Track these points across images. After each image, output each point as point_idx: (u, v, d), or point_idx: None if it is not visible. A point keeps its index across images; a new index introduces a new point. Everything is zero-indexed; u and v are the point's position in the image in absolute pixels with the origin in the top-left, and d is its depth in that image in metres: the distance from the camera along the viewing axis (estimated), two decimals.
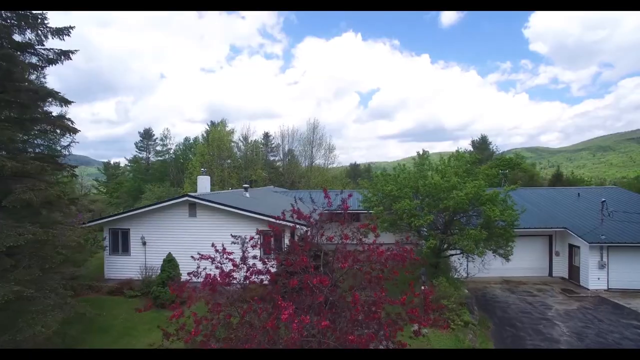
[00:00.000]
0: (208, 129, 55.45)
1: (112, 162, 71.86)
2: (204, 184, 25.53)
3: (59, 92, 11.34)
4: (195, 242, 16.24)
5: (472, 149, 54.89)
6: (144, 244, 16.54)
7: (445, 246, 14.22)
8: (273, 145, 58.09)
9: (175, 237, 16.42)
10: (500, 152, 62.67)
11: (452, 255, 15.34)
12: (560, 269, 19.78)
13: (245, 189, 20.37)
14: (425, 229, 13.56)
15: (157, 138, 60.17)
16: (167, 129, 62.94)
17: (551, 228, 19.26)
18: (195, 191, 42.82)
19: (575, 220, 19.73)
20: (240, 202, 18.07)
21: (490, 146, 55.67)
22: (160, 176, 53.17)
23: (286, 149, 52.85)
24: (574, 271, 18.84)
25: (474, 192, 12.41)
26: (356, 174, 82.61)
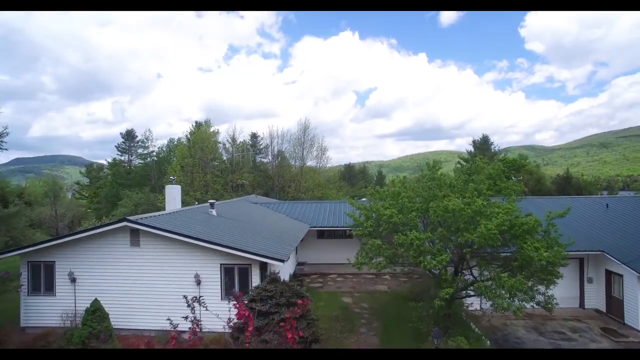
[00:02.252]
0: (192, 129, 51.48)
1: (94, 164, 67.69)
2: (173, 195, 21.73)
3: None
4: (138, 278, 12.48)
5: (472, 149, 51.30)
6: (73, 280, 12.70)
7: (461, 291, 10.51)
8: (262, 147, 54.28)
9: (114, 271, 12.61)
10: (499, 149, 59.12)
11: (467, 296, 11.61)
12: (594, 299, 16.16)
13: (212, 204, 16.56)
14: (437, 269, 9.82)
15: (139, 140, 56.12)
16: (148, 129, 58.74)
17: (584, 251, 15.61)
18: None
19: (610, 239, 16.12)
20: (203, 225, 14.27)
21: (492, 146, 52.10)
22: (142, 180, 49.16)
23: (275, 150, 49.00)
24: (614, 304, 15.21)
25: (507, 221, 8.71)
26: (351, 175, 78.90)
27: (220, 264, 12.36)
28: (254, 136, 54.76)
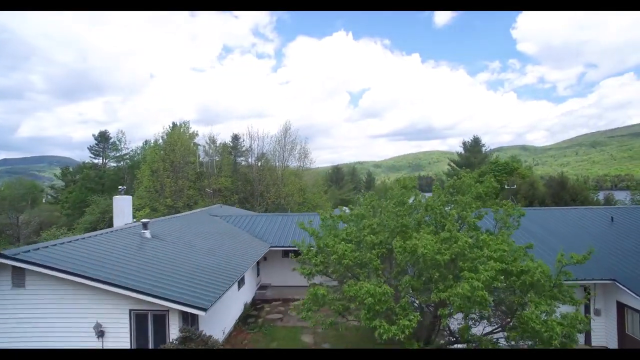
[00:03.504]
0: (169, 129, 48.17)
1: (70, 167, 64.10)
2: (121, 208, 18.81)
3: None
4: (24, 330, 9.48)
5: (463, 151, 48.80)
6: None
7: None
8: (243, 149, 51.23)
9: None
10: (490, 149, 56.70)
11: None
12: (603, 334, 13.49)
13: (145, 225, 13.56)
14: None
15: (114, 141, 52.75)
16: (121, 131, 55.20)
17: (592, 280, 12.91)
18: (140, 210, 35.57)
19: (620, 264, 13.47)
20: (125, 254, 11.30)
21: (483, 148, 49.64)
22: (114, 185, 45.85)
23: (256, 153, 45.99)
24: (628, 343, 12.54)
25: (501, 272, 5.93)
26: (339, 177, 76.04)
27: (130, 310, 9.44)
28: (235, 138, 51.66)
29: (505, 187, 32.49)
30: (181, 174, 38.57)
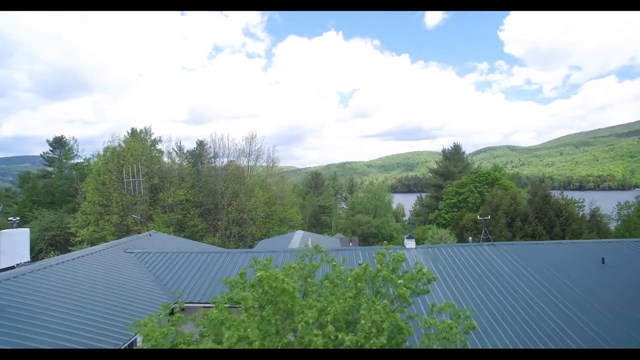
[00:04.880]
0: (127, 136, 44.06)
1: (30, 173, 59.29)
2: (12, 244, 15.09)
3: None
4: None
5: (444, 160, 45.78)
6: None
7: None
8: (210, 157, 47.42)
9: None
10: (470, 153, 54.06)
11: None
12: None
13: None
14: None
15: (71, 147, 48.43)
16: (73, 137, 50.69)
17: None
18: (84, 228, 30.99)
19: (617, 332, 10.28)
20: None
21: (464, 155, 46.70)
22: (65, 198, 41.67)
23: (221, 162, 42.30)
24: None
25: None
26: (317, 182, 72.57)
27: None
28: (200, 145, 47.85)
29: (478, 217, 29.62)
30: (134, 187, 34.65)
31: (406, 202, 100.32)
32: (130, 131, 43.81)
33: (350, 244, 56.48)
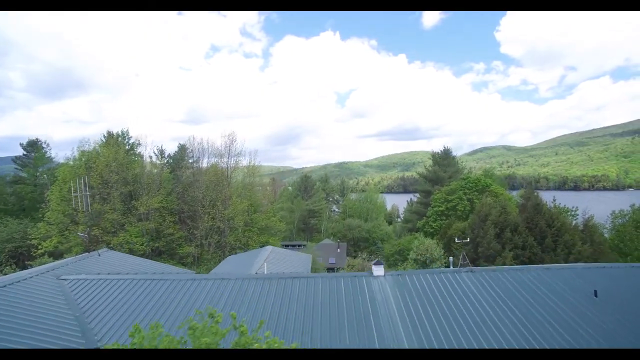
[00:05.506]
0: (102, 139, 41.93)
1: (7, 176, 56.99)
2: None
3: None
4: None
5: (433, 165, 43.97)
6: None
7: None
8: (191, 161, 45.41)
9: None
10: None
11: None
12: None
13: None
14: None
15: (43, 152, 46.28)
16: (45, 141, 48.48)
17: None
18: (47, 240, 28.10)
19: None
20: None
21: (455, 159, 44.90)
22: (35, 206, 39.52)
23: (199, 166, 40.34)
24: None
25: None
26: (307, 186, 70.68)
27: None
28: (182, 149, 45.83)
29: (456, 240, 28.00)
30: (104, 194, 32.66)
31: (402, 203, 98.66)
32: (105, 134, 41.69)
33: (339, 250, 54.58)
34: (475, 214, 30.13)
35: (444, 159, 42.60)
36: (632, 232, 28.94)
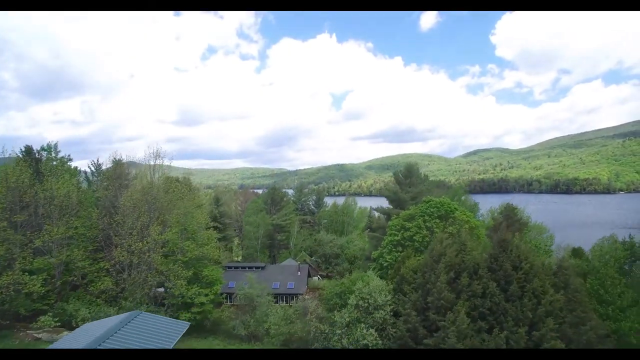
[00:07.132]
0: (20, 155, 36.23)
1: None
2: None
3: None
4: None
5: (394, 183, 38.60)
6: None
7: None
8: (128, 177, 39.89)
9: None
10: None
11: None
12: None
13: None
14: None
15: None
16: None
17: None
18: None
19: None
20: None
21: (420, 178, 39.46)
22: None
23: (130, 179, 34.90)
24: None
25: None
26: (275, 199, 65.01)
27: None
28: (117, 164, 40.24)
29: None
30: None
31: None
32: (23, 149, 36.08)
33: (299, 274, 48.89)
34: (427, 253, 24.93)
35: (407, 177, 36.78)
36: (614, 276, 23.86)
